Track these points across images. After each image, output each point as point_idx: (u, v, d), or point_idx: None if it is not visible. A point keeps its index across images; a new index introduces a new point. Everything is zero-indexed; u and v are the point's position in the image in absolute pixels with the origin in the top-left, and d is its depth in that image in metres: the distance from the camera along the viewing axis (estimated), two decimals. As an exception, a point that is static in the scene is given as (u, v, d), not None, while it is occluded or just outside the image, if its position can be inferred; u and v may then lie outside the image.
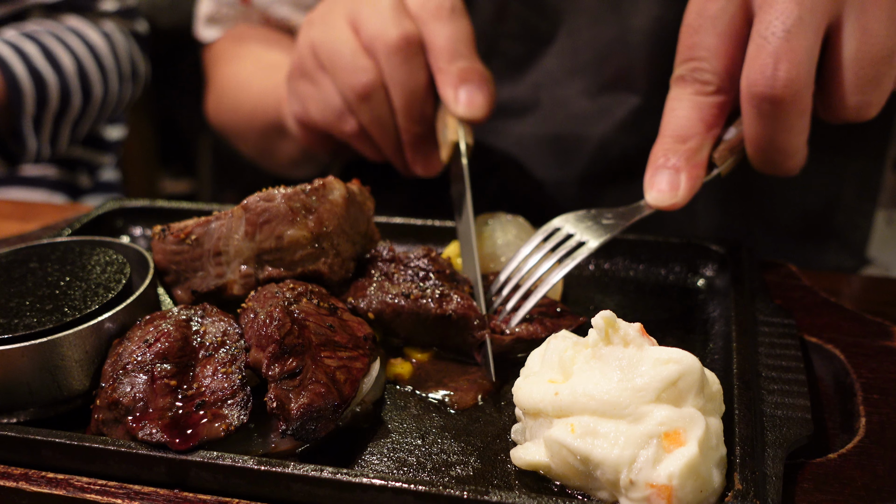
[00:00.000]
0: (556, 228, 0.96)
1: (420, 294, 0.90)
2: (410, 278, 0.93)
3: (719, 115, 0.94)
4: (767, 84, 0.85)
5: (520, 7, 1.36)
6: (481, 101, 1.09)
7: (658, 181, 0.92)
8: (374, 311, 0.91)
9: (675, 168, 0.92)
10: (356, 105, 1.12)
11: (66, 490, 0.72)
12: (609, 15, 1.32)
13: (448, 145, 1.09)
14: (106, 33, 1.82)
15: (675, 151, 0.92)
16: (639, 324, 0.74)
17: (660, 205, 0.92)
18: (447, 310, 0.89)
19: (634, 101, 1.34)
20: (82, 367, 0.81)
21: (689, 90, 0.93)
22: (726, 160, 0.94)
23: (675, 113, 0.94)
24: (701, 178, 0.93)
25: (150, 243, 0.94)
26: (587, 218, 0.96)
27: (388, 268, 0.95)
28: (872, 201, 1.48)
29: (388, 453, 0.78)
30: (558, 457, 0.71)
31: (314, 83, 1.17)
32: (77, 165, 1.95)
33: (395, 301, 0.90)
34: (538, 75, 1.38)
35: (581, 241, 0.93)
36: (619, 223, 0.94)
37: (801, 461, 0.74)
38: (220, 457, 0.71)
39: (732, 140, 0.94)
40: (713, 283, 1.05)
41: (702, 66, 0.92)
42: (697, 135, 0.93)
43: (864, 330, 0.94)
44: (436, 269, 0.94)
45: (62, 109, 1.71)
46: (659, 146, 0.94)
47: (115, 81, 1.82)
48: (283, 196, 0.89)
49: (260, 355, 0.78)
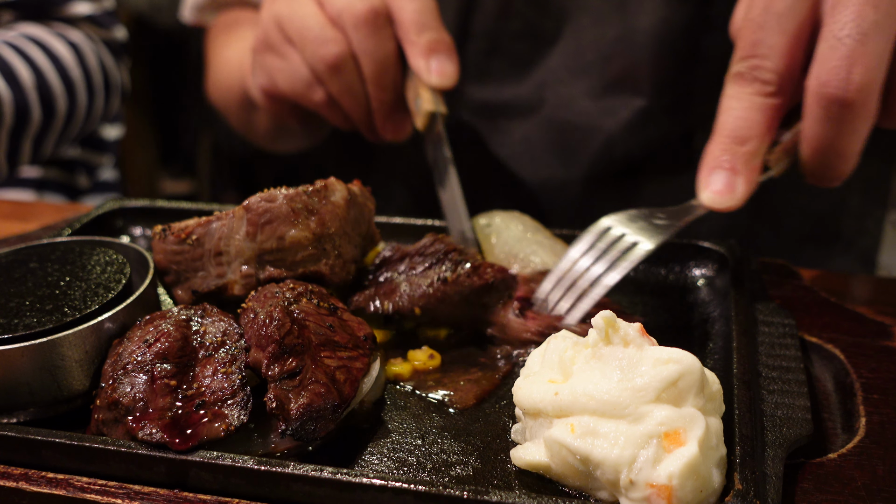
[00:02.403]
0: (606, 228, 0.94)
1: (455, 275, 0.92)
2: (433, 265, 0.95)
3: (777, 116, 0.91)
4: (840, 86, 0.84)
5: (524, 6, 1.36)
6: (452, 70, 1.13)
7: (714, 182, 0.90)
8: (419, 305, 0.92)
9: (732, 169, 0.90)
10: (326, 76, 1.14)
11: (66, 490, 0.72)
12: (614, 15, 1.32)
13: (423, 114, 1.12)
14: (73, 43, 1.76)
15: (734, 153, 0.90)
16: (639, 324, 0.74)
17: (715, 206, 0.90)
18: (487, 278, 0.92)
19: (639, 103, 1.34)
20: (82, 367, 0.81)
21: (749, 89, 0.91)
22: (779, 162, 0.93)
23: (734, 113, 0.91)
24: (757, 182, 0.91)
25: (151, 243, 0.94)
26: (639, 218, 0.94)
27: (404, 265, 0.96)
28: (882, 206, 1.48)
29: (388, 453, 0.78)
30: (558, 457, 0.71)
31: (281, 56, 1.19)
32: (75, 166, 1.94)
33: (436, 288, 0.92)
34: (542, 75, 1.38)
35: (635, 241, 0.91)
36: (673, 223, 0.93)
37: (801, 461, 0.74)
38: (220, 457, 0.71)
39: (787, 143, 0.93)
40: (713, 283, 1.05)
41: (763, 65, 0.90)
42: (756, 137, 0.90)
43: (864, 330, 0.94)
44: (448, 248, 0.97)
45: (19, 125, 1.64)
46: (716, 145, 0.91)
47: (83, 94, 1.76)
48: (284, 197, 0.89)
49: (260, 355, 0.78)
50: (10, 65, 1.62)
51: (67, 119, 1.74)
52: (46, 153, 1.76)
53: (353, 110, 1.18)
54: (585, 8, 1.33)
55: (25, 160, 1.71)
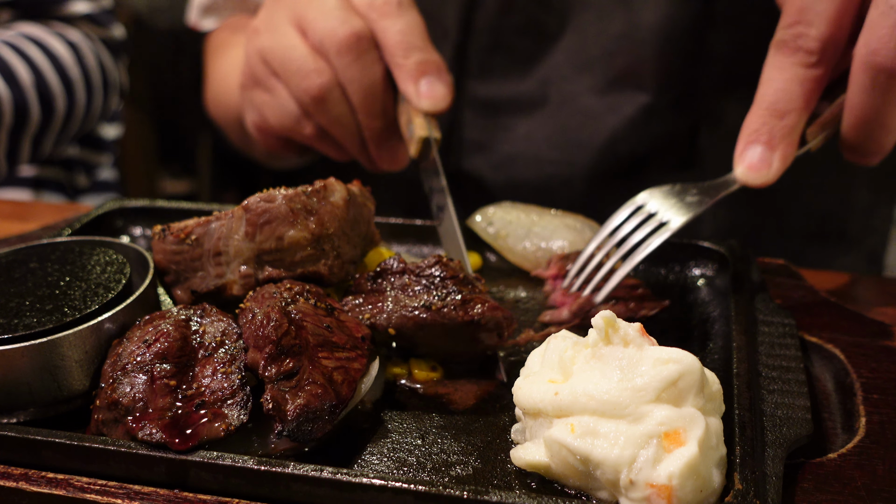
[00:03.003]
0: (640, 205, 0.94)
1: (441, 304, 0.87)
2: (426, 288, 0.90)
3: (818, 89, 0.90)
4: (890, 55, 0.82)
5: (526, 1, 1.35)
6: (443, 92, 1.09)
7: (750, 156, 0.89)
8: (395, 326, 0.88)
9: (769, 144, 0.89)
10: (313, 108, 1.11)
11: (66, 490, 0.72)
12: (617, 11, 1.31)
13: (416, 141, 1.08)
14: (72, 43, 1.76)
15: (772, 126, 0.89)
16: (639, 324, 0.74)
17: (750, 181, 0.90)
18: (473, 315, 0.86)
19: (643, 99, 1.33)
20: (82, 367, 0.81)
21: (791, 59, 0.89)
22: (817, 136, 0.91)
23: (774, 84, 0.90)
24: (793, 156, 0.90)
25: (150, 243, 0.94)
26: (672, 194, 0.94)
27: (400, 280, 0.91)
28: (890, 204, 1.47)
29: (388, 453, 0.78)
30: (558, 457, 0.71)
31: (268, 91, 1.16)
32: (74, 165, 1.94)
33: (415, 314, 0.87)
34: (545, 71, 1.38)
35: (664, 221, 0.91)
36: (704, 200, 0.92)
37: (801, 461, 0.74)
38: (220, 457, 0.71)
39: (826, 116, 0.91)
40: (713, 283, 1.05)
41: (808, 33, 0.88)
42: (795, 110, 0.89)
43: (864, 330, 0.94)
44: (449, 274, 0.90)
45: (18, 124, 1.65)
46: (754, 117, 0.90)
47: (81, 93, 1.76)
48: (283, 197, 0.89)
49: (257, 356, 0.78)
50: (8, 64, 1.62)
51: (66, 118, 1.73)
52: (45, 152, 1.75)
53: (345, 141, 1.15)
54: (588, 4, 1.32)
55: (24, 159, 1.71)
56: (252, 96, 1.20)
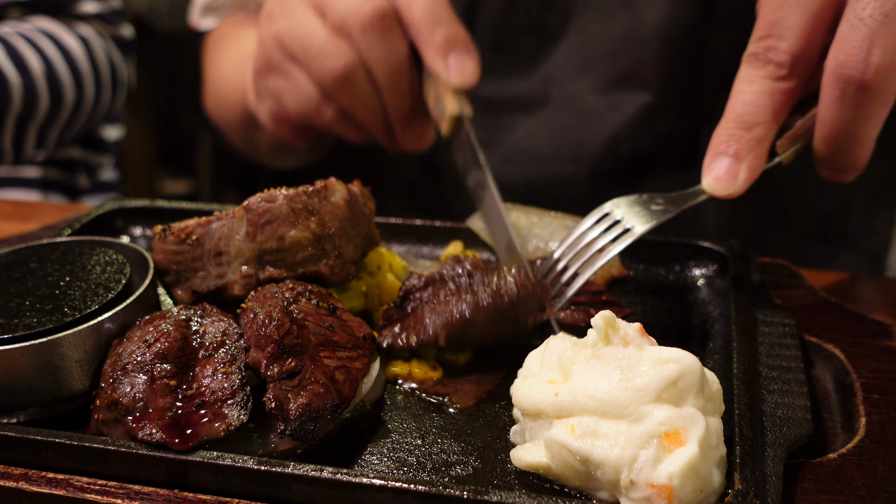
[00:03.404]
0: (606, 213, 0.94)
1: (477, 297, 0.89)
2: (456, 289, 0.91)
3: (788, 102, 0.90)
4: (859, 67, 0.82)
5: (528, 1, 1.35)
6: (472, 67, 1.07)
7: (716, 168, 0.89)
8: (444, 336, 0.88)
9: (736, 156, 0.89)
10: (336, 90, 1.09)
11: (66, 490, 0.72)
12: (620, 11, 1.31)
13: (448, 119, 1.06)
14: (83, 37, 1.76)
15: (739, 138, 0.89)
16: (638, 324, 0.74)
17: (716, 193, 0.90)
18: (511, 296, 0.88)
19: (645, 98, 1.33)
20: (82, 367, 0.81)
21: (761, 72, 0.89)
22: (788, 149, 0.92)
23: (743, 97, 0.90)
24: (761, 168, 0.90)
25: (151, 243, 0.94)
26: (637, 203, 0.94)
27: (426, 293, 0.92)
28: (891, 204, 1.47)
29: (388, 453, 0.78)
30: (558, 457, 0.71)
31: (285, 76, 1.14)
32: (75, 166, 1.94)
33: (459, 315, 0.88)
34: (548, 70, 1.38)
35: (627, 228, 0.91)
36: (669, 209, 0.93)
37: (801, 461, 0.74)
38: (220, 457, 0.71)
39: (797, 129, 0.92)
40: (713, 283, 1.05)
41: (779, 46, 0.88)
42: (763, 122, 0.89)
43: (864, 330, 0.94)
44: (470, 270, 0.92)
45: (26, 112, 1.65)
46: (722, 130, 0.90)
47: (90, 86, 1.76)
48: (284, 197, 0.89)
49: (259, 355, 0.78)
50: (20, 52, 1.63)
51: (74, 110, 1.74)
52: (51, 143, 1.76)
53: (369, 122, 1.13)
54: (591, 3, 1.32)
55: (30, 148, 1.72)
56: (267, 83, 1.17)
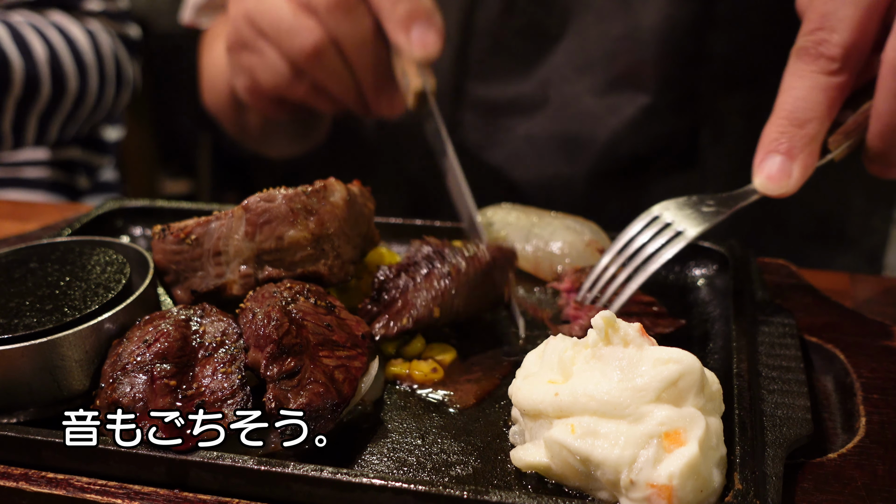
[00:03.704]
0: (655, 216, 0.93)
1: (455, 267, 0.92)
2: (430, 268, 0.94)
3: (840, 97, 0.88)
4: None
5: (527, 3, 1.35)
6: (434, 39, 1.07)
7: (769, 166, 0.88)
8: (436, 305, 0.90)
9: (788, 154, 0.87)
10: (307, 66, 1.11)
11: (66, 490, 0.72)
12: (618, 13, 1.31)
13: (412, 93, 1.08)
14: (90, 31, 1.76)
15: (792, 135, 0.87)
16: (639, 324, 0.74)
17: (769, 192, 0.88)
18: (486, 259, 0.92)
19: (644, 100, 1.34)
20: (82, 367, 0.81)
21: (812, 67, 0.87)
22: (840, 145, 0.90)
23: (794, 92, 0.87)
24: (814, 166, 0.88)
25: (150, 243, 0.94)
26: (687, 205, 0.93)
27: (405, 279, 0.94)
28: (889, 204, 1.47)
29: (388, 453, 0.78)
30: (559, 457, 0.71)
31: (256, 52, 1.15)
32: (75, 167, 1.94)
33: (445, 285, 0.91)
34: (546, 72, 1.38)
35: (679, 231, 0.91)
36: (721, 211, 0.91)
37: (801, 461, 0.74)
38: (220, 457, 0.71)
39: (849, 124, 0.90)
40: (713, 283, 1.05)
41: (830, 39, 0.85)
42: (816, 119, 0.87)
43: (864, 330, 0.94)
44: (437, 247, 0.95)
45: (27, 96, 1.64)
46: (773, 127, 0.88)
47: (94, 79, 1.75)
48: (283, 197, 0.89)
49: (258, 355, 0.78)
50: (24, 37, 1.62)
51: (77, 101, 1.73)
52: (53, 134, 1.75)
53: (341, 94, 1.15)
54: (589, 5, 1.33)
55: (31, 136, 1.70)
56: (240, 59, 1.19)
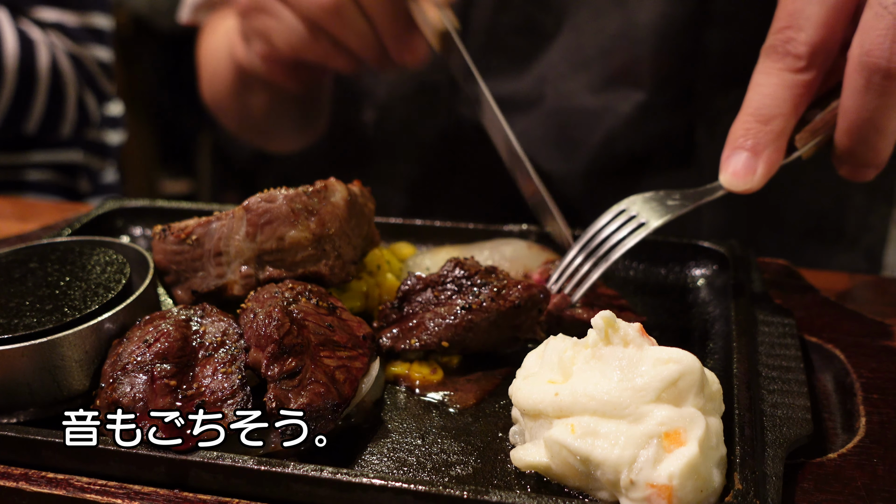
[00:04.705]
0: (621, 210, 0.96)
1: (479, 301, 0.90)
2: (456, 292, 0.92)
3: (807, 94, 0.89)
4: (884, 56, 0.81)
5: (522, 0, 1.36)
6: None
7: (734, 162, 0.89)
8: (446, 339, 0.89)
9: (753, 150, 0.88)
10: (326, 22, 1.10)
11: (66, 490, 0.72)
12: (613, 10, 1.31)
13: (435, 35, 1.08)
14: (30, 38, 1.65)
15: (757, 132, 0.88)
16: (639, 324, 0.74)
17: (733, 188, 0.90)
18: (513, 300, 0.89)
19: (639, 97, 1.34)
20: (82, 367, 0.81)
21: (779, 65, 0.88)
22: (808, 143, 0.91)
23: (761, 90, 0.89)
24: (779, 163, 0.89)
25: (151, 243, 0.94)
26: (653, 199, 0.96)
27: (427, 296, 0.93)
28: (888, 203, 1.47)
29: (388, 453, 0.78)
30: (558, 457, 0.71)
31: (273, 15, 1.15)
32: (78, 171, 1.93)
33: (460, 320, 0.89)
34: (542, 69, 1.38)
35: (642, 222, 0.93)
36: (685, 204, 0.94)
37: (801, 461, 0.74)
38: (220, 457, 0.71)
39: (817, 122, 0.91)
40: (713, 283, 1.05)
41: (797, 37, 0.87)
42: (782, 115, 0.88)
43: (864, 330, 0.94)
44: (470, 272, 0.93)
45: None
46: (739, 124, 0.90)
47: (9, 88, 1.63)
48: (284, 197, 0.89)
49: (259, 355, 0.78)
50: None
51: None
52: None
53: (361, 49, 1.14)
54: (584, 2, 1.33)
55: None
56: (254, 24, 1.19)
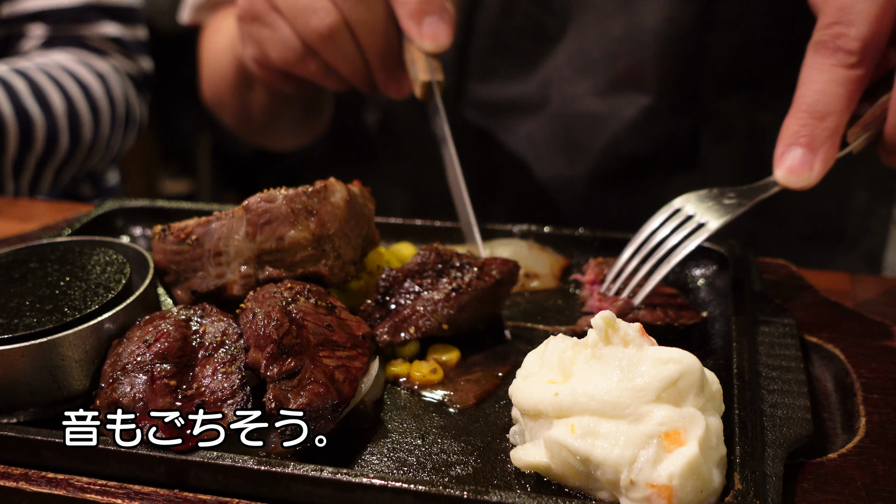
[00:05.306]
0: (677, 209, 0.94)
1: (465, 282, 0.93)
2: (437, 278, 0.95)
3: (859, 90, 0.88)
4: None
5: (527, 4, 1.35)
6: (445, 32, 1.08)
7: (790, 159, 0.88)
8: (446, 321, 0.91)
9: (809, 146, 0.87)
10: (320, 46, 1.10)
11: (66, 490, 0.72)
12: (619, 13, 1.31)
13: (419, 84, 1.09)
14: (101, 74, 1.72)
15: (812, 128, 0.87)
16: (638, 324, 0.74)
17: (790, 184, 0.89)
18: (496, 276, 0.94)
19: (644, 101, 1.34)
20: (82, 367, 0.81)
21: (831, 60, 0.87)
22: (859, 138, 0.90)
23: (814, 86, 0.88)
24: (834, 159, 0.88)
25: (150, 243, 0.94)
26: (709, 198, 0.94)
27: (409, 285, 0.95)
28: (888, 205, 1.47)
29: (388, 453, 0.78)
30: (559, 457, 0.71)
31: (269, 26, 1.15)
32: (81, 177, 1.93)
33: (453, 300, 0.92)
34: (547, 72, 1.38)
35: (701, 223, 0.91)
36: (742, 203, 0.92)
37: (801, 461, 0.74)
38: (220, 457, 0.71)
39: (868, 116, 0.90)
40: (713, 283, 1.05)
41: (848, 33, 0.86)
42: (836, 112, 0.87)
43: (864, 330, 0.94)
44: (446, 256, 0.97)
45: (47, 152, 1.62)
46: (793, 120, 0.88)
47: (107, 125, 1.72)
48: (284, 197, 0.89)
49: (258, 355, 0.78)
50: (43, 90, 1.59)
51: (89, 150, 1.71)
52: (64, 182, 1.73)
53: (350, 75, 1.15)
54: (590, 6, 1.33)
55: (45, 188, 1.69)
56: (251, 30, 1.19)
